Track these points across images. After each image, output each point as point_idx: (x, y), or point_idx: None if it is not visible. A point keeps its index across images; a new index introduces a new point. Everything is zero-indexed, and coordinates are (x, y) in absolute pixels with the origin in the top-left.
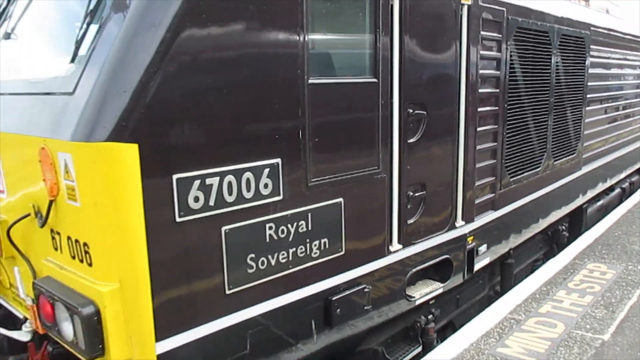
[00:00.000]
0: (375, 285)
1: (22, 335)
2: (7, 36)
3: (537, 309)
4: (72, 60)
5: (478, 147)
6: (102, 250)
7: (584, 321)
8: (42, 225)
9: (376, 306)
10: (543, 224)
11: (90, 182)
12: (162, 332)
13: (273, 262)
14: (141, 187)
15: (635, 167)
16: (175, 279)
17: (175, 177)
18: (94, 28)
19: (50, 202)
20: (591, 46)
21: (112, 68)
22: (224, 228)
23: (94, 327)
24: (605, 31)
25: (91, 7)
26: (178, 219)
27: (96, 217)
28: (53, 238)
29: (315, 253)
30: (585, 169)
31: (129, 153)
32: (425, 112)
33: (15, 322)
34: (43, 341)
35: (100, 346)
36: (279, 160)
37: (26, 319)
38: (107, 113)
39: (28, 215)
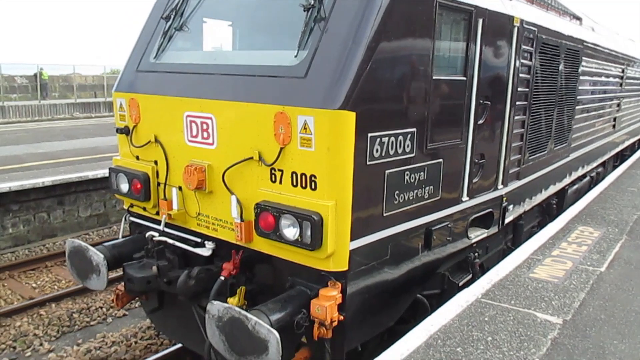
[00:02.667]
0: (453, 224)
1: (204, 251)
2: (180, 28)
3: (550, 253)
4: (297, 55)
5: (514, 131)
6: (327, 179)
7: (585, 260)
8: (271, 165)
9: (452, 240)
10: (544, 195)
11: (325, 135)
12: (353, 235)
13: (406, 198)
14: (353, 139)
15: (602, 159)
16: (362, 203)
17: (369, 135)
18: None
19: (281, 149)
20: (583, 58)
21: (337, 62)
22: (386, 171)
23: (319, 229)
24: (593, 46)
25: (313, 14)
26: (368, 163)
27: (326, 158)
28: (273, 174)
29: (426, 195)
30: (572, 156)
31: (349, 118)
32: (489, 102)
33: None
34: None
35: (320, 242)
36: (415, 129)
37: (207, 240)
38: (337, 92)
39: (250, 158)
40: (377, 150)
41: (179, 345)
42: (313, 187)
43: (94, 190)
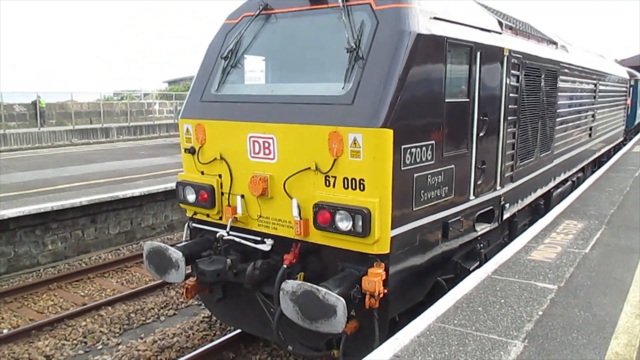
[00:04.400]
0: (463, 219)
1: (265, 247)
2: (235, 65)
3: (542, 240)
4: (343, 87)
5: (507, 141)
6: (373, 182)
7: (572, 245)
8: (326, 172)
9: (463, 232)
10: (534, 196)
11: (371, 148)
12: (393, 225)
13: (429, 197)
14: (391, 151)
15: (580, 166)
16: (399, 200)
17: (402, 146)
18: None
19: (334, 160)
20: (559, 76)
21: (378, 91)
22: (415, 175)
23: (368, 220)
24: (567, 65)
25: (354, 55)
26: (402, 169)
27: (372, 165)
28: (327, 179)
29: (443, 194)
30: (555, 162)
31: (389, 134)
32: (487, 118)
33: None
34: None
35: (369, 231)
36: (433, 142)
37: (267, 237)
38: (379, 114)
39: (308, 168)
40: (408, 159)
41: (233, 333)
42: (362, 188)
43: (123, 209)
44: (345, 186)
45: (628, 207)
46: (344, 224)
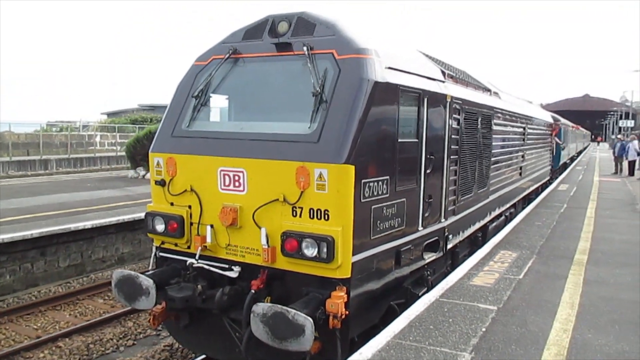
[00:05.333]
0: (413, 247)
1: (233, 273)
2: (205, 103)
3: (482, 268)
4: (310, 126)
5: (450, 177)
6: (336, 212)
7: (507, 272)
8: (294, 204)
9: (413, 260)
10: (473, 229)
11: (335, 181)
12: (353, 252)
13: (384, 227)
14: (353, 184)
15: (513, 202)
16: (359, 228)
17: (362, 181)
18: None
19: (301, 192)
20: (493, 120)
21: (341, 131)
22: (372, 206)
23: (332, 247)
24: (500, 110)
25: (319, 99)
26: (362, 201)
27: (336, 197)
28: (294, 210)
29: (396, 224)
30: (490, 198)
31: (351, 170)
32: (433, 157)
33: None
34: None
35: (333, 257)
36: (388, 177)
37: (234, 265)
38: (342, 152)
39: (276, 200)
40: (367, 192)
41: None
42: (326, 218)
43: (73, 241)
44: (311, 216)
45: (555, 239)
46: (310, 251)
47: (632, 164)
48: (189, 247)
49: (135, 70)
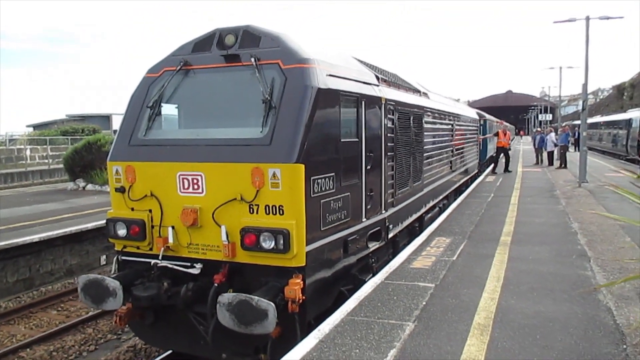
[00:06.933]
0: (359, 237)
1: (195, 270)
2: (159, 113)
3: (420, 253)
4: (262, 131)
5: (388, 172)
6: (290, 207)
7: (443, 255)
8: (250, 201)
9: (359, 249)
10: (410, 220)
11: (288, 179)
12: (307, 242)
13: (332, 218)
14: (304, 181)
15: (445, 194)
16: (310, 221)
17: (311, 178)
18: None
19: (257, 191)
20: (424, 119)
21: (290, 133)
22: (321, 201)
23: (287, 239)
24: (429, 109)
25: (268, 105)
26: (312, 196)
27: (289, 194)
28: (250, 207)
29: (342, 217)
30: (425, 190)
31: (301, 168)
32: (372, 154)
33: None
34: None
35: (289, 248)
36: (334, 174)
37: (196, 262)
38: (292, 153)
39: (234, 199)
40: (316, 188)
41: (161, 357)
42: (281, 213)
43: (20, 255)
44: (267, 212)
45: (484, 224)
46: (268, 244)
47: (550, 155)
48: (151, 249)
49: (65, 78)
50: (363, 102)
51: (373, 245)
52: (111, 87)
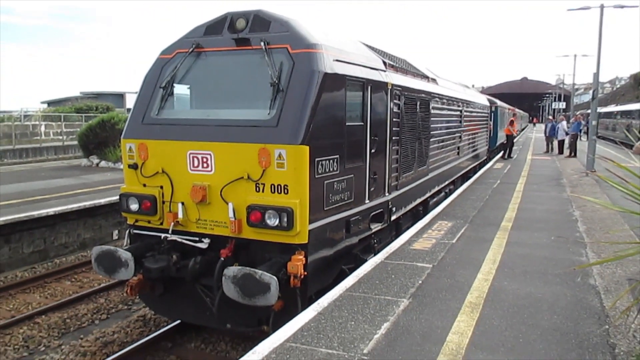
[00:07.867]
0: (361, 218)
1: (203, 245)
2: (172, 93)
3: (421, 236)
4: (269, 113)
5: (392, 156)
6: (294, 187)
7: (443, 238)
8: (257, 180)
9: (361, 229)
10: (414, 203)
11: (293, 160)
12: (310, 221)
13: (335, 199)
14: (308, 162)
15: (451, 179)
16: (314, 201)
17: (316, 159)
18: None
19: (263, 170)
20: (431, 104)
21: (296, 116)
22: (325, 182)
23: (291, 217)
24: (437, 95)
25: (276, 88)
26: (316, 177)
27: (294, 174)
28: (257, 186)
29: (345, 198)
30: (430, 175)
31: (306, 150)
32: (377, 138)
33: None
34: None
35: (292, 225)
36: (338, 156)
37: (204, 237)
38: (298, 135)
39: (241, 178)
40: (320, 169)
41: (169, 326)
42: (286, 192)
43: (36, 228)
44: (273, 191)
45: (486, 210)
46: (272, 221)
47: (561, 143)
48: (161, 224)
49: (75, 57)
50: (369, 87)
51: (375, 227)
52: (126, 64)
